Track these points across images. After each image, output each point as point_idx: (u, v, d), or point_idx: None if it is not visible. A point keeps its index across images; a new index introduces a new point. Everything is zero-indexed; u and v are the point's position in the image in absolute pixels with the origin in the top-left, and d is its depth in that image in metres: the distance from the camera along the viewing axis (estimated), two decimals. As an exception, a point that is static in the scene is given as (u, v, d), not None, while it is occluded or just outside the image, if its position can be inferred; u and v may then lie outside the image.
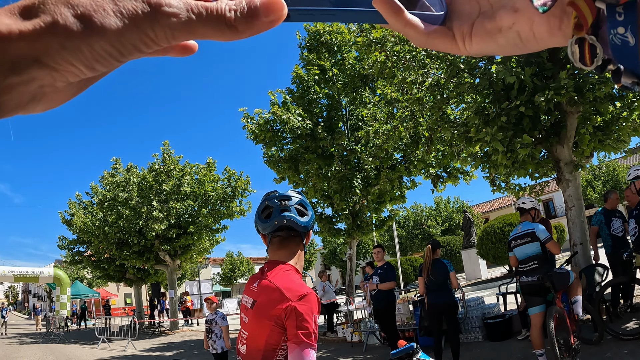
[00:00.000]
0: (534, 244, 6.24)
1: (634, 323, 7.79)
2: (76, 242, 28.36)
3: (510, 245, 6.50)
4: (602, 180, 40.45)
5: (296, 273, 2.14)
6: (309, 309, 1.96)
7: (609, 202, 8.54)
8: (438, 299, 7.38)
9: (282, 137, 13.81)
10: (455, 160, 12.79)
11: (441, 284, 7.40)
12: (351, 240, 14.63)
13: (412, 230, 45.87)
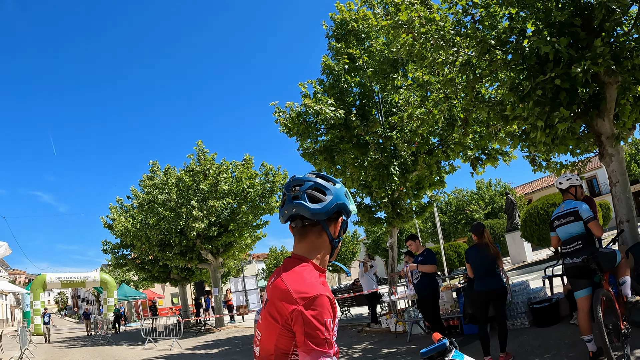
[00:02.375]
0: (578, 224, 5.92)
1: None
2: (119, 245, 28.99)
3: (553, 225, 6.19)
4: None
5: (313, 270, 1.95)
6: (319, 314, 1.79)
7: None
8: (487, 286, 7.01)
9: (316, 128, 13.64)
10: (493, 141, 12.43)
11: (489, 269, 7.08)
12: (392, 229, 14.40)
13: (455, 215, 45.29)
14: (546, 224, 20.70)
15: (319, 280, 1.89)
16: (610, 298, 5.46)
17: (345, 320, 16.67)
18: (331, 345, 1.78)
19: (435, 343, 2.16)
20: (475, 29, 8.75)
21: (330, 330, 1.79)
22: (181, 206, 22.21)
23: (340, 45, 13.94)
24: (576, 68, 7.17)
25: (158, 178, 24.37)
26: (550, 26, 8.04)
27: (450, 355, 2.09)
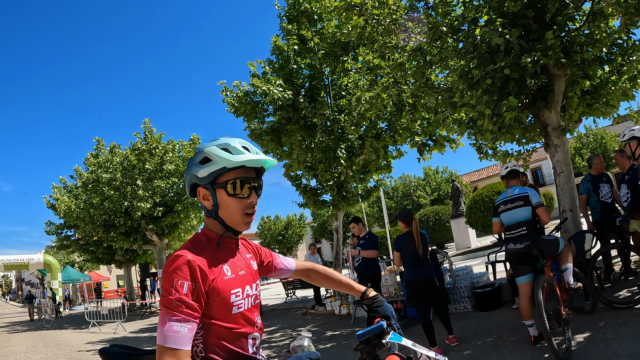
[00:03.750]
0: (526, 209, 6.00)
1: (627, 291, 7.65)
2: (63, 226, 27.97)
3: (498, 210, 6.26)
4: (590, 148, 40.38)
5: (200, 238, 2.02)
6: (170, 273, 1.80)
7: (594, 167, 8.37)
8: (418, 275, 6.91)
9: (263, 109, 13.45)
10: (440, 128, 12.52)
11: (422, 257, 7.00)
12: (337, 212, 14.40)
13: (401, 201, 45.82)
14: (491, 211, 21.14)
15: (194, 246, 1.94)
16: (552, 284, 5.57)
17: (291, 303, 16.70)
18: (178, 308, 1.75)
19: (372, 325, 2.09)
20: (428, 14, 8.73)
21: (181, 293, 1.76)
22: (126, 186, 21.60)
23: (291, 27, 13.75)
24: (526, 58, 7.24)
25: (103, 156, 23.64)
26: (503, 16, 8.09)
27: (387, 337, 2.03)
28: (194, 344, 1.85)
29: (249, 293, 2.01)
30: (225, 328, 1.89)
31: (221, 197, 1.99)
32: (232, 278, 1.94)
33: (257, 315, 2.06)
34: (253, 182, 2.03)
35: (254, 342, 2.01)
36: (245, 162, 1.97)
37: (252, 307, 2.02)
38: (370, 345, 2.06)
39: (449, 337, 6.95)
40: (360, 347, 2.06)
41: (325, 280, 2.53)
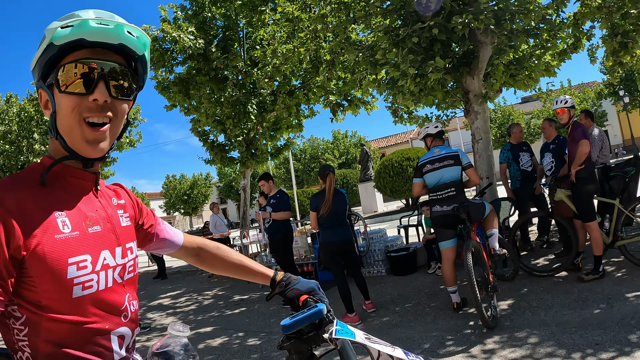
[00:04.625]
0: (455, 169, 5.71)
1: (544, 259, 7.71)
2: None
3: (422, 170, 5.89)
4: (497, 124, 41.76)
5: (24, 171, 1.33)
6: None
7: (513, 135, 8.36)
8: (337, 236, 6.48)
9: (172, 57, 12.50)
10: (356, 88, 12.26)
11: (340, 218, 6.59)
12: (245, 170, 13.80)
13: (309, 163, 45.73)
14: (400, 177, 21.37)
15: (13, 181, 1.23)
16: (479, 250, 5.35)
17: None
18: None
19: (305, 310, 1.46)
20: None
21: None
22: (22, 139, 19.81)
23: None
24: (457, 19, 6.97)
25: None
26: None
27: (331, 329, 1.37)
28: (16, 348, 1.20)
29: (110, 263, 1.31)
30: (65, 323, 1.19)
31: (57, 100, 1.27)
32: (74, 237, 1.23)
33: (129, 299, 1.37)
34: (100, 66, 1.26)
35: (121, 343, 1.33)
36: (75, 30, 1.21)
37: (117, 286, 1.33)
38: (303, 341, 1.45)
39: (365, 303, 6.65)
40: (287, 345, 1.44)
41: (220, 263, 1.82)
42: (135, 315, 1.40)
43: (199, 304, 9.18)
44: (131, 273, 1.42)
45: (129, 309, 1.36)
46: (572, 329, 4.59)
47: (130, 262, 1.41)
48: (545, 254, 7.96)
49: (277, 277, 1.76)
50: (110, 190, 1.52)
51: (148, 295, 11.24)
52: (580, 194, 6.06)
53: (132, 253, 1.44)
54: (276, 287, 1.74)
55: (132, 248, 1.45)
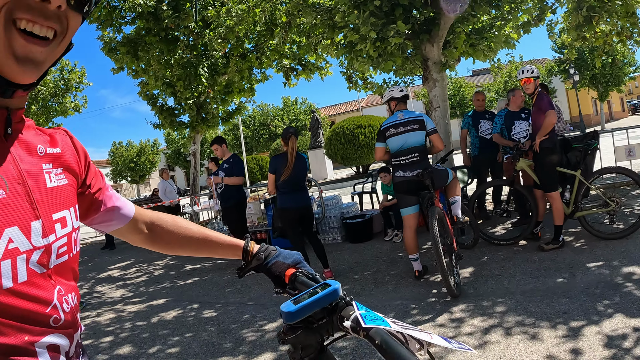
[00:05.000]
0: (420, 134, 5.53)
1: (501, 228, 7.72)
2: None
3: (385, 134, 5.68)
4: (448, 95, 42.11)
5: None
6: None
7: (476, 104, 8.27)
8: (294, 202, 6.25)
9: (121, 16, 11.84)
10: (311, 53, 11.98)
11: (300, 183, 6.35)
12: (195, 135, 13.35)
13: (258, 130, 45.15)
14: (351, 144, 21.28)
15: None
16: (443, 217, 5.22)
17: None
18: None
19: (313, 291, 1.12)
20: None
21: None
22: None
23: None
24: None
25: None
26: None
27: (352, 314, 1.02)
28: None
29: (21, 246, 0.89)
30: None
31: None
32: None
33: (61, 295, 0.97)
34: None
35: (56, 356, 0.95)
36: None
37: (38, 279, 0.92)
38: (312, 331, 1.08)
39: (324, 271, 6.47)
40: (291, 338, 1.07)
41: (178, 239, 1.42)
42: (72, 315, 1.00)
43: (150, 275, 8.84)
44: (63, 256, 1.00)
45: (60, 310, 0.95)
46: (537, 297, 4.56)
47: (60, 242, 0.99)
48: (501, 223, 7.99)
49: (251, 248, 1.42)
50: (41, 136, 1.07)
51: (96, 267, 10.78)
52: (543, 164, 6.03)
53: (66, 226, 1.01)
54: (252, 260, 1.40)
55: (66, 219, 1.02)
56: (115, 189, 38.10)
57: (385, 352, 0.90)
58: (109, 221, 1.32)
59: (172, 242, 1.44)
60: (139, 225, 1.40)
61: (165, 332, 5.35)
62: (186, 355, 4.51)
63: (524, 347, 3.60)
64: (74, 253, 1.05)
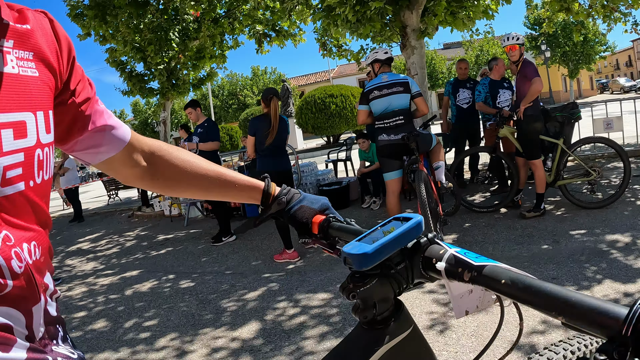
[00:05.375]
0: (405, 96, 5.36)
1: (480, 196, 7.68)
2: None
3: (369, 97, 5.49)
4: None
5: None
6: None
7: (459, 72, 8.16)
8: (275, 166, 5.98)
9: (87, -22, 11.30)
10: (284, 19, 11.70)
11: (281, 146, 6.13)
12: (165, 102, 12.95)
13: (227, 100, 44.47)
14: (322, 113, 21.02)
15: None
16: (428, 182, 5.10)
17: (114, 205, 15.09)
18: None
19: (393, 222, 0.89)
20: None
21: None
22: None
23: None
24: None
25: None
26: None
27: (442, 253, 0.79)
28: None
29: None
30: None
31: None
32: None
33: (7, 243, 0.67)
34: None
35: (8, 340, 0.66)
36: None
37: None
38: (389, 279, 0.84)
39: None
40: (364, 290, 0.82)
41: (185, 175, 1.13)
42: (28, 278, 0.70)
43: (122, 246, 8.58)
44: (15, 184, 0.69)
45: (5, 270, 0.66)
46: (524, 263, 4.51)
47: (9, 160, 0.68)
48: (479, 191, 7.96)
49: (272, 190, 1.20)
50: (6, 9, 0.75)
51: (65, 240, 10.44)
52: (527, 131, 5.96)
53: (23, 137, 0.70)
54: (272, 204, 1.18)
55: (25, 126, 0.71)
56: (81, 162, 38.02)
57: (525, 291, 0.66)
58: (97, 147, 0.99)
59: (177, 178, 1.14)
60: (136, 155, 1.08)
61: (141, 304, 5.16)
62: (165, 327, 4.34)
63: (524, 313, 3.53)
64: (37, 181, 0.73)
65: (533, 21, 37.13)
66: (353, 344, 0.87)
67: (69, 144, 0.94)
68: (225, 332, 4.01)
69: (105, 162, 1.03)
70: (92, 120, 0.95)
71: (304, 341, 3.60)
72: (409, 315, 0.90)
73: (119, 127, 1.02)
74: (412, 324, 0.90)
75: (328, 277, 5.04)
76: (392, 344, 0.85)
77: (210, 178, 1.15)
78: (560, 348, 1.23)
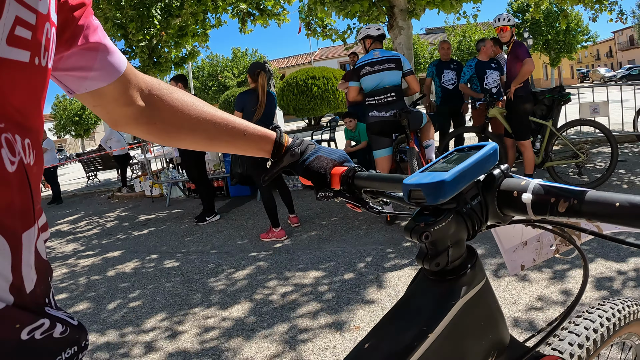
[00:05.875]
0: (396, 73, 5.28)
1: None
2: None
3: (360, 72, 5.39)
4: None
5: None
6: None
7: (441, 52, 8.06)
8: None
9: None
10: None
11: (269, 123, 6.05)
12: (147, 80, 12.73)
13: (207, 81, 43.97)
14: (304, 95, 20.89)
15: None
16: (419, 159, 5.04)
17: (93, 187, 14.82)
18: None
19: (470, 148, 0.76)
20: None
21: None
22: None
23: None
24: None
25: None
26: None
27: (524, 184, 0.67)
28: None
29: None
30: None
31: None
32: None
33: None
34: None
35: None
36: None
37: None
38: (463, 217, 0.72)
39: (290, 217, 6.19)
40: (439, 229, 0.70)
41: (188, 118, 0.96)
42: (34, 177, 0.58)
43: (102, 227, 8.39)
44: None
45: (3, 150, 0.51)
46: (516, 244, 4.48)
47: None
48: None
49: (285, 141, 1.09)
50: None
51: (43, 221, 10.21)
52: (517, 112, 5.93)
53: None
54: (285, 156, 1.07)
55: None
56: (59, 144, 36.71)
57: None
58: (85, 69, 0.79)
59: (178, 123, 0.96)
60: (131, 90, 0.89)
61: (124, 285, 5.03)
62: (151, 307, 4.23)
63: (514, 289, 3.51)
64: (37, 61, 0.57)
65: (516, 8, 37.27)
66: (421, 300, 0.76)
67: (54, 58, 0.72)
68: (215, 311, 3.91)
69: (93, 94, 0.83)
70: (85, 34, 0.75)
71: (297, 319, 3.52)
72: (482, 264, 0.79)
73: (114, 52, 0.83)
74: (485, 275, 0.79)
75: (317, 255, 4.97)
76: (468, 297, 0.73)
77: (216, 124, 1.00)
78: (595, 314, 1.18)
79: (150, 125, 0.94)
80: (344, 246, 5.12)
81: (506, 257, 0.75)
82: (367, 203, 0.99)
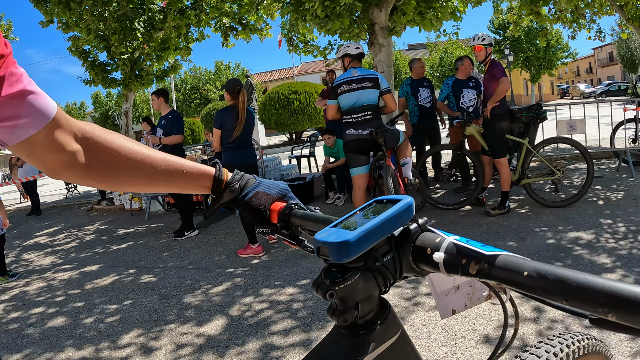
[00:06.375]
0: (374, 92, 5.34)
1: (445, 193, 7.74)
2: None
3: (338, 91, 5.44)
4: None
5: None
6: None
7: (415, 70, 8.12)
8: (241, 159, 5.80)
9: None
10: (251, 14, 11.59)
11: (248, 139, 5.97)
12: (128, 93, 12.66)
13: (189, 94, 43.89)
14: (285, 110, 20.92)
15: None
16: (395, 177, 5.10)
17: (73, 199, 14.70)
18: None
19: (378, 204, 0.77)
20: None
21: None
22: None
23: None
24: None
25: None
26: None
27: (438, 241, 0.67)
28: None
29: None
30: None
31: None
32: None
33: None
34: None
35: None
36: None
37: None
38: (373, 273, 0.72)
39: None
40: (345, 287, 0.71)
41: (125, 160, 0.95)
42: None
43: (80, 240, 8.33)
44: None
45: None
46: (490, 261, 4.53)
47: None
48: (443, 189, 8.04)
49: (224, 176, 1.07)
50: None
51: (22, 234, 10.07)
52: (493, 130, 6.02)
53: None
54: (225, 191, 1.06)
55: None
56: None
57: (559, 285, 0.52)
58: (13, 118, 0.77)
59: (115, 165, 0.94)
60: (63, 136, 0.87)
61: (101, 299, 5.00)
62: (127, 323, 4.21)
63: (487, 306, 3.54)
64: None
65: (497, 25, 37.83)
66: (330, 354, 0.75)
67: None
68: (190, 327, 3.92)
69: (25, 143, 0.82)
70: (8, 83, 0.74)
71: (270, 336, 3.54)
72: (396, 316, 0.78)
73: (41, 96, 0.81)
74: (400, 327, 0.78)
75: (294, 272, 4.98)
76: (377, 352, 0.73)
77: (153, 163, 0.98)
78: (542, 350, 1.18)
79: (88, 170, 0.92)
80: (320, 263, 5.14)
81: (438, 301, 0.77)
82: (302, 241, 0.97)
